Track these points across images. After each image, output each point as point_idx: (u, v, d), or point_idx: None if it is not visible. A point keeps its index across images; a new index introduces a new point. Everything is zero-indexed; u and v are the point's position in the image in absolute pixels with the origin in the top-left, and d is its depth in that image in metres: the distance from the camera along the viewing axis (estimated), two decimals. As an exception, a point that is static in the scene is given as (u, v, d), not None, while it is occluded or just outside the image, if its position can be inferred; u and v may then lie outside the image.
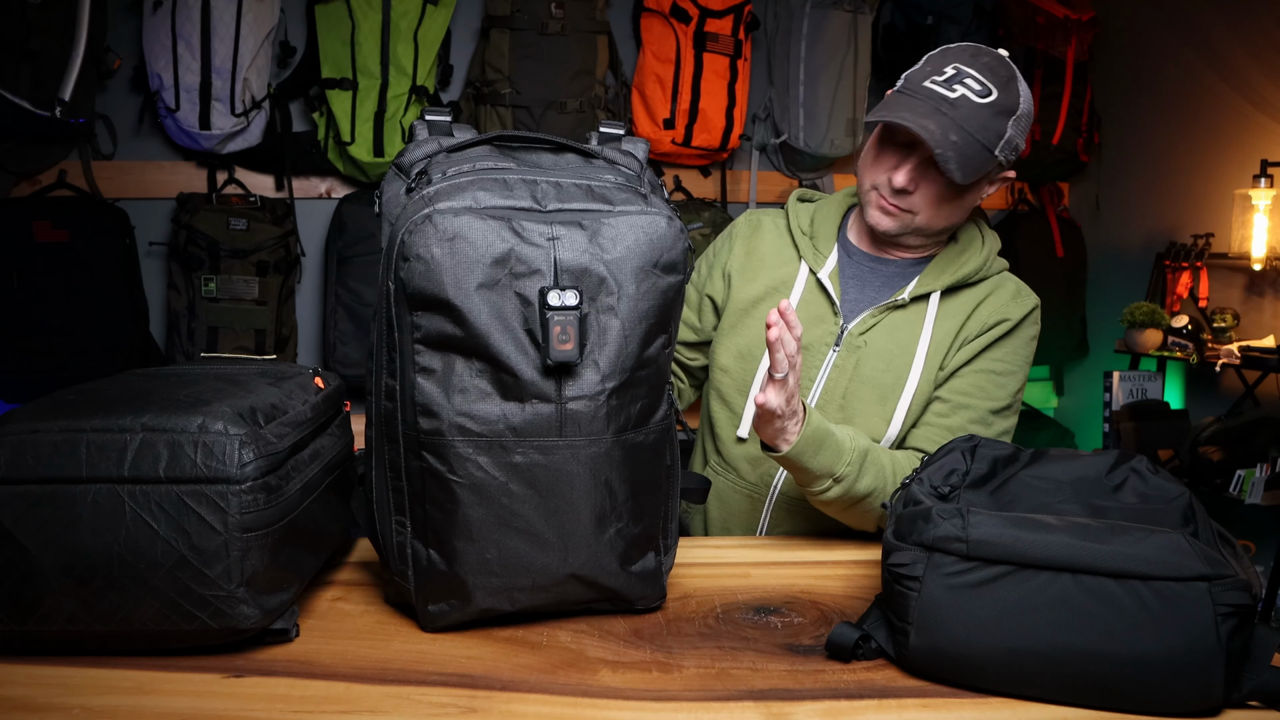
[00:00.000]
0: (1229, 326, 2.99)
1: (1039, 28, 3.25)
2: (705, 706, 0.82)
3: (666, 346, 0.96)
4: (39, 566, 0.83)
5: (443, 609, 0.94)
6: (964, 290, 1.36)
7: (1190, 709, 0.78)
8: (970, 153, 1.21)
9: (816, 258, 1.39)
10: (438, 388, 0.89)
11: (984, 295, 1.35)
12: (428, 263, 0.86)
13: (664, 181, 1.41)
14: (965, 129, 1.20)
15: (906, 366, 1.32)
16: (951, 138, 1.20)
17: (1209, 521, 0.88)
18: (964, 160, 1.21)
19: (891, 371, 1.32)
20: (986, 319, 1.33)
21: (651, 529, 0.98)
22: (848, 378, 1.34)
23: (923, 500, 0.88)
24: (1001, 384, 1.34)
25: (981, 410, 1.32)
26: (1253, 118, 3.04)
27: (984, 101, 1.22)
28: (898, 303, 1.34)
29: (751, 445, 1.37)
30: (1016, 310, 1.34)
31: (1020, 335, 1.35)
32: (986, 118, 1.22)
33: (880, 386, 1.32)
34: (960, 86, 1.23)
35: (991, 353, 1.33)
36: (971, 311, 1.34)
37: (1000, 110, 1.23)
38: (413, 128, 0.99)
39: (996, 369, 1.33)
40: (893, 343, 1.33)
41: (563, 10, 2.82)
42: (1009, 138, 1.24)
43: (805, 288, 1.38)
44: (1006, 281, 1.39)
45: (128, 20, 2.64)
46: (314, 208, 2.92)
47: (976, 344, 1.33)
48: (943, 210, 1.30)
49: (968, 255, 1.37)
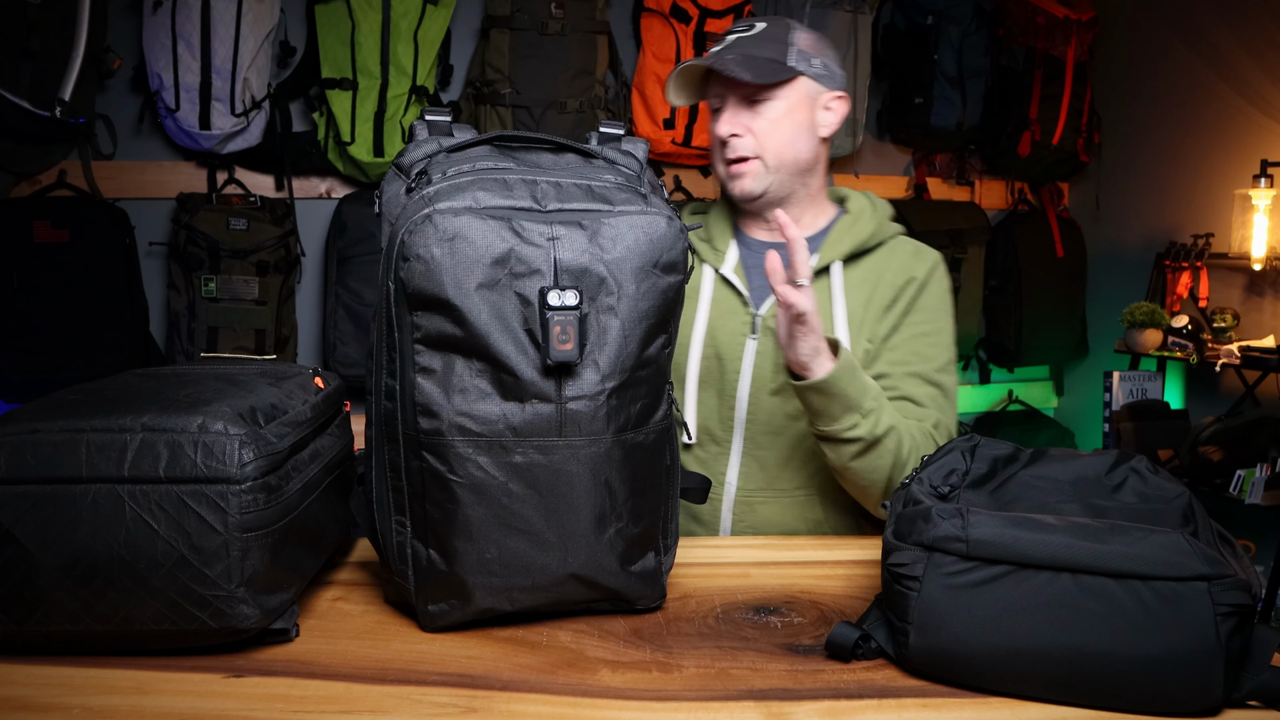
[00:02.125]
0: (1229, 326, 2.99)
1: (1039, 28, 3.25)
2: (705, 706, 0.82)
3: (666, 346, 0.96)
4: (39, 566, 0.83)
5: (442, 609, 0.94)
6: (864, 258, 1.41)
7: (1190, 709, 0.78)
8: (757, 61, 1.32)
9: (716, 255, 1.44)
10: (438, 388, 0.89)
11: (886, 260, 1.40)
12: (427, 263, 0.86)
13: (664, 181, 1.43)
14: (742, 52, 1.33)
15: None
16: (729, 56, 1.32)
17: (1209, 521, 0.88)
18: (750, 64, 1.31)
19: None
20: (895, 281, 1.39)
21: (651, 529, 0.98)
22: (772, 361, 1.37)
23: (922, 500, 0.88)
24: (934, 343, 1.38)
25: (926, 372, 1.36)
26: (1253, 118, 3.04)
27: (752, 33, 1.35)
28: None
29: (699, 449, 1.41)
30: (920, 268, 1.40)
31: (933, 291, 1.40)
32: (761, 39, 1.34)
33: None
34: (730, 35, 1.37)
35: (913, 317, 1.38)
36: (880, 277, 1.39)
37: (772, 33, 1.35)
38: (412, 128, 0.98)
39: (924, 330, 1.38)
40: None
41: (563, 10, 2.82)
42: (800, 50, 1.35)
43: (713, 287, 1.42)
44: (903, 243, 1.44)
45: (128, 20, 2.64)
46: (314, 208, 2.92)
47: (896, 310, 1.38)
48: (781, 135, 1.36)
49: (861, 223, 1.41)
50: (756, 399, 1.38)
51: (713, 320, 1.41)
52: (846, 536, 1.40)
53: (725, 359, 1.39)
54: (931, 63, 3.19)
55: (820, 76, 1.38)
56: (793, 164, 1.38)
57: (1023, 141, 3.30)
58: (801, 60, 1.36)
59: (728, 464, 1.40)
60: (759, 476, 1.39)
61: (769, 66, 1.33)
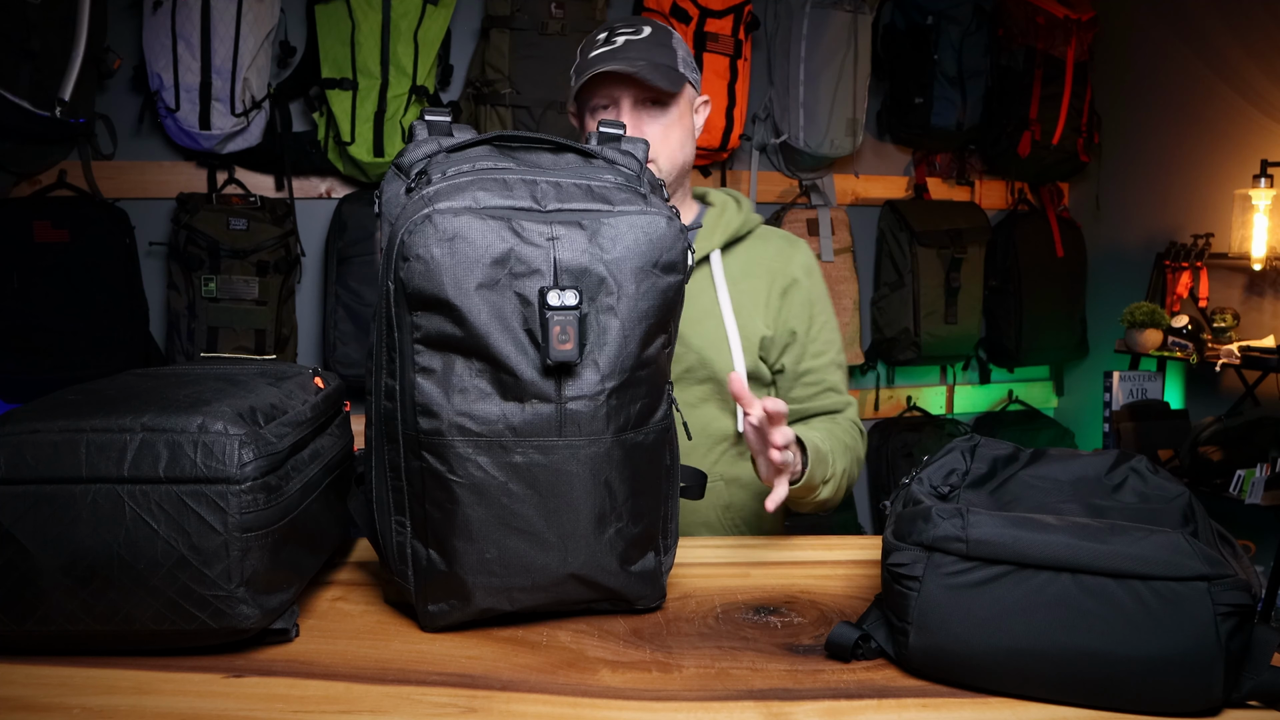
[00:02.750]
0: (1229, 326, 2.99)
1: (1039, 28, 3.25)
2: (705, 706, 0.82)
3: (666, 346, 0.96)
4: (39, 566, 0.83)
5: (442, 609, 0.94)
6: (738, 246, 1.48)
7: (1190, 709, 0.78)
8: (660, 66, 1.35)
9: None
10: (437, 388, 0.89)
11: (760, 247, 1.48)
12: (427, 263, 0.86)
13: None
14: (644, 57, 1.35)
15: (719, 325, 1.42)
16: (639, 61, 1.34)
17: (1209, 521, 0.88)
18: (660, 72, 1.35)
19: (706, 334, 1.41)
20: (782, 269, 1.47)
21: (651, 529, 0.98)
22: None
23: (922, 500, 0.88)
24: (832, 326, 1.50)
25: (837, 358, 1.49)
26: (1253, 118, 3.04)
27: (642, 37, 1.38)
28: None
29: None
30: (800, 257, 1.49)
31: (817, 278, 1.51)
32: (653, 44, 1.37)
33: (701, 351, 1.40)
34: (618, 37, 1.38)
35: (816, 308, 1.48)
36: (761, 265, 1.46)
37: (659, 38, 1.38)
38: (412, 128, 0.98)
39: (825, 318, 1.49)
40: (694, 308, 1.38)
41: (563, 10, 2.82)
42: (682, 55, 1.40)
43: None
44: (771, 231, 1.53)
45: (128, 20, 2.64)
46: (314, 208, 2.92)
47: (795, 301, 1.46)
48: (672, 141, 1.40)
49: (728, 214, 1.48)
50: None
51: None
52: (846, 536, 1.40)
53: None
54: (931, 63, 3.19)
55: (695, 82, 1.45)
56: (681, 167, 1.43)
57: (1023, 141, 3.30)
58: (686, 67, 1.41)
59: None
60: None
61: (671, 74, 1.37)
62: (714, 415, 1.42)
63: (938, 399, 3.67)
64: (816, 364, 1.46)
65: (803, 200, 3.28)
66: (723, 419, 1.43)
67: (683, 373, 1.40)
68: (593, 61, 1.36)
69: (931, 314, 3.31)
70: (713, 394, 1.42)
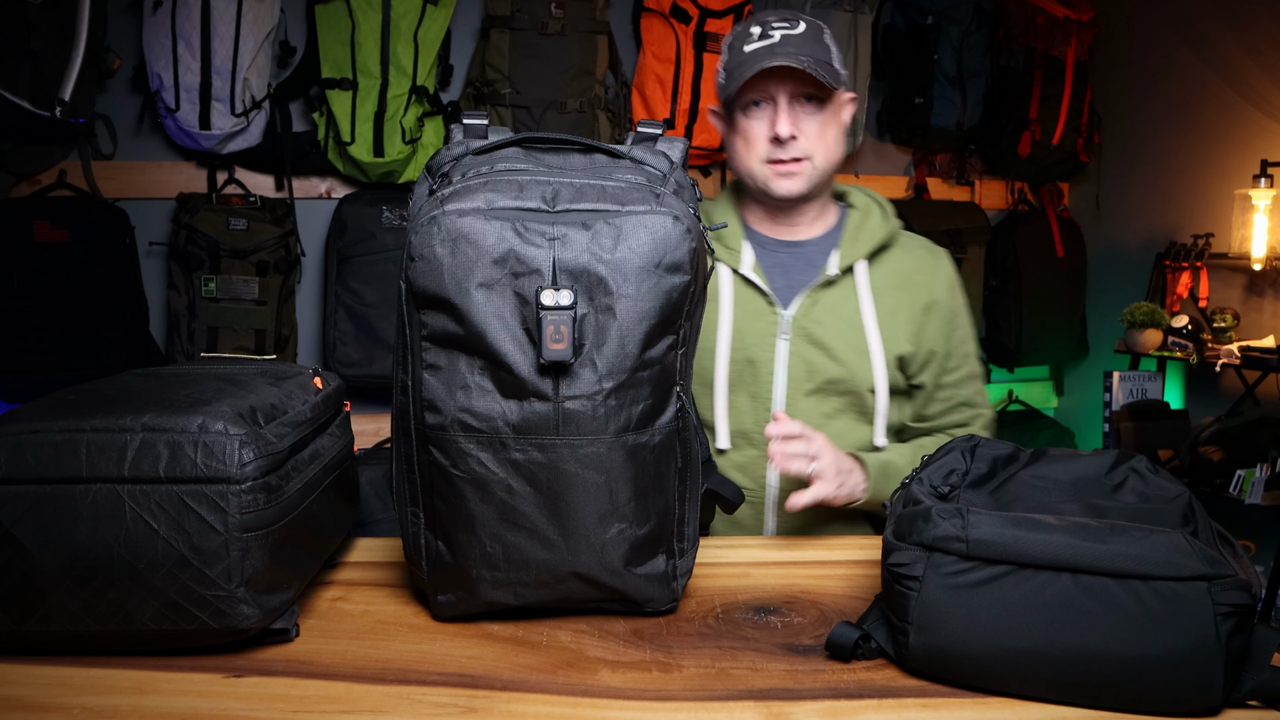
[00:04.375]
0: (1229, 326, 2.99)
1: (1039, 28, 3.25)
2: (705, 706, 0.82)
3: (675, 348, 0.95)
4: (39, 566, 0.83)
5: (450, 600, 0.96)
6: (882, 255, 1.44)
7: (1190, 709, 0.78)
8: (820, 62, 1.33)
9: (731, 255, 1.43)
10: (442, 384, 0.90)
11: (904, 258, 1.45)
12: (430, 262, 0.88)
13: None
14: (805, 52, 1.32)
15: (862, 337, 1.38)
16: (803, 57, 1.31)
17: (1209, 521, 0.88)
18: (821, 67, 1.32)
19: (850, 347, 1.38)
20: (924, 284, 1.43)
21: (660, 531, 0.97)
22: (807, 364, 1.38)
23: (922, 500, 0.87)
24: (971, 337, 1.48)
25: (974, 370, 1.47)
26: (1253, 118, 3.04)
27: (799, 32, 1.35)
28: (828, 279, 1.40)
29: (736, 453, 1.41)
30: (943, 269, 1.46)
31: (958, 290, 1.48)
32: (810, 40, 1.34)
33: (846, 364, 1.37)
34: (774, 32, 1.34)
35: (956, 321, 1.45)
36: (906, 278, 1.43)
37: (814, 32, 1.36)
38: (449, 130, 1.00)
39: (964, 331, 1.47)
40: (839, 319, 1.39)
41: (563, 10, 2.82)
42: (835, 52, 1.38)
43: (733, 288, 1.41)
44: (914, 240, 1.49)
45: (128, 20, 2.64)
46: (314, 208, 2.92)
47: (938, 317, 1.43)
48: (827, 141, 1.38)
49: (871, 221, 1.45)
50: (793, 400, 1.38)
51: (738, 322, 1.40)
52: (847, 536, 1.40)
53: (757, 362, 1.39)
54: (931, 63, 3.19)
55: (846, 80, 1.41)
56: (834, 165, 1.41)
57: (1023, 141, 3.30)
58: (839, 64, 1.38)
59: (768, 466, 1.39)
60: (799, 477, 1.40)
61: (830, 70, 1.34)
62: (850, 427, 1.40)
63: (938, 399, 3.66)
64: (951, 379, 1.44)
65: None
66: (859, 430, 1.40)
67: (823, 384, 1.38)
68: (752, 57, 1.32)
69: (931, 314, 3.31)
70: (850, 406, 1.39)
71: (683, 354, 0.97)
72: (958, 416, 1.45)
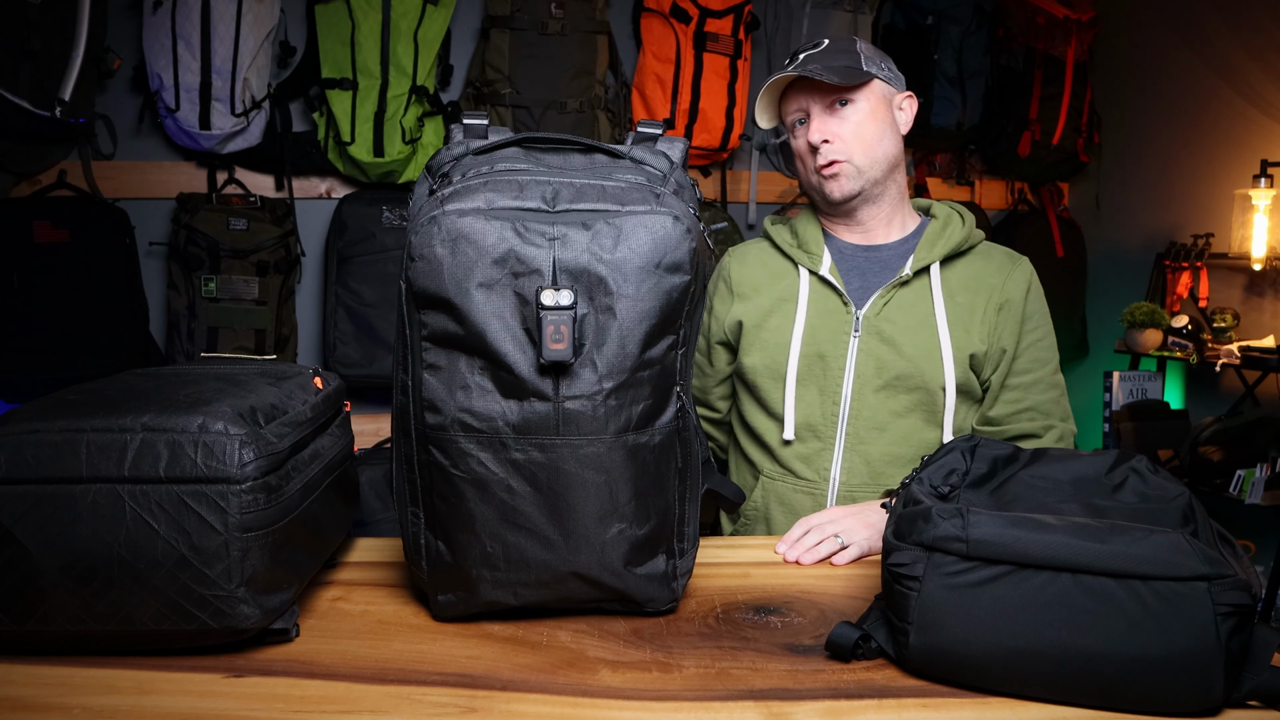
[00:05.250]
0: (1229, 326, 2.99)
1: (1039, 28, 3.25)
2: (705, 706, 0.82)
3: (675, 348, 0.95)
4: (39, 566, 0.83)
5: (450, 599, 0.96)
6: (958, 260, 1.46)
7: (1190, 709, 0.78)
8: (835, 67, 1.39)
9: (812, 259, 1.48)
10: (442, 384, 0.90)
11: (982, 264, 1.46)
12: (430, 262, 0.88)
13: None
14: (818, 62, 1.40)
15: (933, 336, 1.40)
16: (811, 65, 1.40)
17: (1209, 521, 0.88)
18: (834, 70, 1.39)
19: (919, 344, 1.40)
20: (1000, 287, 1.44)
21: (660, 531, 0.97)
22: (876, 360, 1.41)
23: (922, 500, 0.88)
24: (1048, 345, 1.47)
25: (1046, 376, 1.46)
26: (1253, 118, 3.04)
27: (821, 49, 1.43)
28: (903, 279, 1.43)
29: (801, 445, 1.44)
30: (1021, 275, 1.46)
31: (1036, 296, 1.47)
32: (832, 51, 1.42)
33: (914, 360, 1.39)
34: (800, 55, 1.44)
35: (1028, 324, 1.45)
36: (981, 281, 1.45)
37: (839, 45, 1.44)
38: (449, 130, 1.00)
39: (1039, 336, 1.46)
40: (910, 317, 1.42)
41: (563, 10, 2.82)
42: (868, 55, 1.44)
43: (810, 289, 1.47)
44: (994, 248, 1.50)
45: (128, 20, 2.64)
46: (314, 208, 2.92)
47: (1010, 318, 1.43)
48: (865, 139, 1.42)
49: (951, 228, 1.47)
50: (860, 396, 1.41)
51: (811, 320, 1.44)
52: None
53: (829, 357, 1.42)
54: (931, 63, 3.19)
55: (890, 79, 1.46)
56: (882, 160, 1.44)
57: (1023, 141, 3.30)
58: (872, 64, 1.43)
59: (832, 459, 1.42)
60: (863, 471, 1.41)
61: (848, 71, 1.40)
62: (918, 426, 1.41)
63: (938, 399, 3.66)
64: (1020, 381, 1.43)
65: (803, 200, 3.28)
66: (927, 430, 1.42)
67: (891, 380, 1.40)
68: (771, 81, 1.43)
69: (932, 314, 3.31)
70: (919, 404, 1.40)
71: (683, 354, 0.97)
72: (1027, 425, 1.43)
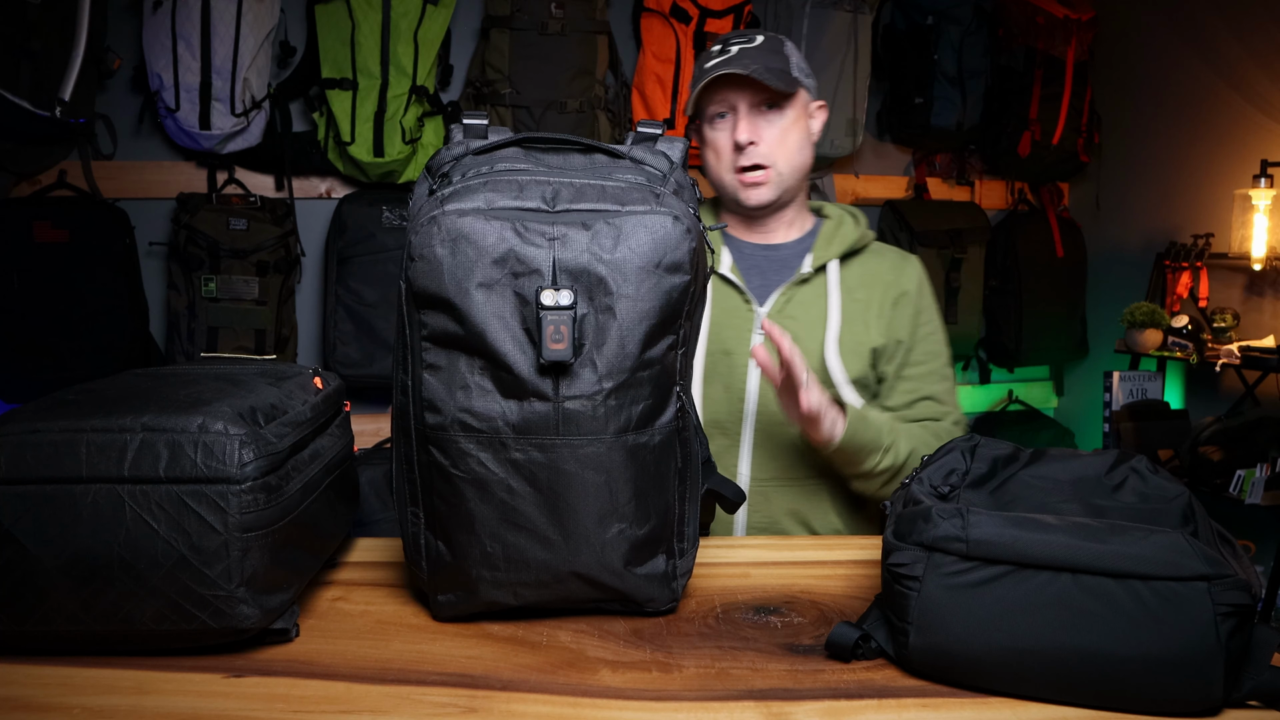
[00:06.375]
0: (1229, 326, 2.99)
1: (1039, 28, 3.25)
2: (705, 706, 0.82)
3: (675, 348, 0.95)
4: (39, 566, 0.83)
5: (450, 599, 0.96)
6: (854, 259, 1.51)
7: (1190, 709, 0.78)
8: (772, 69, 1.39)
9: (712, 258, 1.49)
10: (442, 384, 0.90)
11: (875, 262, 1.51)
12: (430, 262, 0.87)
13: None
14: (757, 62, 1.39)
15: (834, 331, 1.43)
16: (753, 65, 1.38)
17: (1209, 521, 0.88)
18: (771, 73, 1.39)
19: (816, 339, 1.43)
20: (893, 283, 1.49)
21: (660, 531, 0.97)
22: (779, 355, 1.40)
23: (922, 500, 0.87)
24: (940, 340, 1.52)
25: (939, 369, 1.50)
26: (1253, 118, 3.04)
27: (755, 44, 1.42)
28: (803, 277, 1.46)
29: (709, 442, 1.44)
30: (912, 272, 1.51)
31: (926, 293, 1.53)
32: (766, 50, 1.41)
33: (812, 355, 1.42)
34: (732, 47, 1.42)
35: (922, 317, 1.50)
36: (876, 278, 1.49)
37: (772, 45, 1.43)
38: (449, 130, 1.00)
39: (931, 329, 1.51)
40: (811, 313, 1.46)
41: (563, 10, 2.82)
42: (795, 61, 1.44)
43: (713, 287, 1.49)
44: (885, 248, 1.55)
45: (128, 20, 2.64)
46: (314, 208, 2.92)
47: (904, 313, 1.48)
48: (789, 146, 1.44)
49: (844, 228, 1.51)
50: (766, 391, 1.43)
51: (716, 318, 1.46)
52: (847, 536, 1.40)
53: (734, 354, 1.44)
54: (931, 63, 3.19)
55: (810, 88, 1.48)
56: (800, 169, 1.47)
57: (1023, 141, 3.30)
58: (800, 72, 1.45)
59: (738, 455, 1.44)
60: (771, 466, 1.43)
61: (785, 77, 1.41)
62: None
63: (938, 399, 3.66)
64: (916, 372, 1.47)
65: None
66: None
67: None
68: (708, 70, 1.41)
69: (931, 314, 3.31)
70: None
71: (683, 354, 0.97)
72: (924, 410, 1.47)
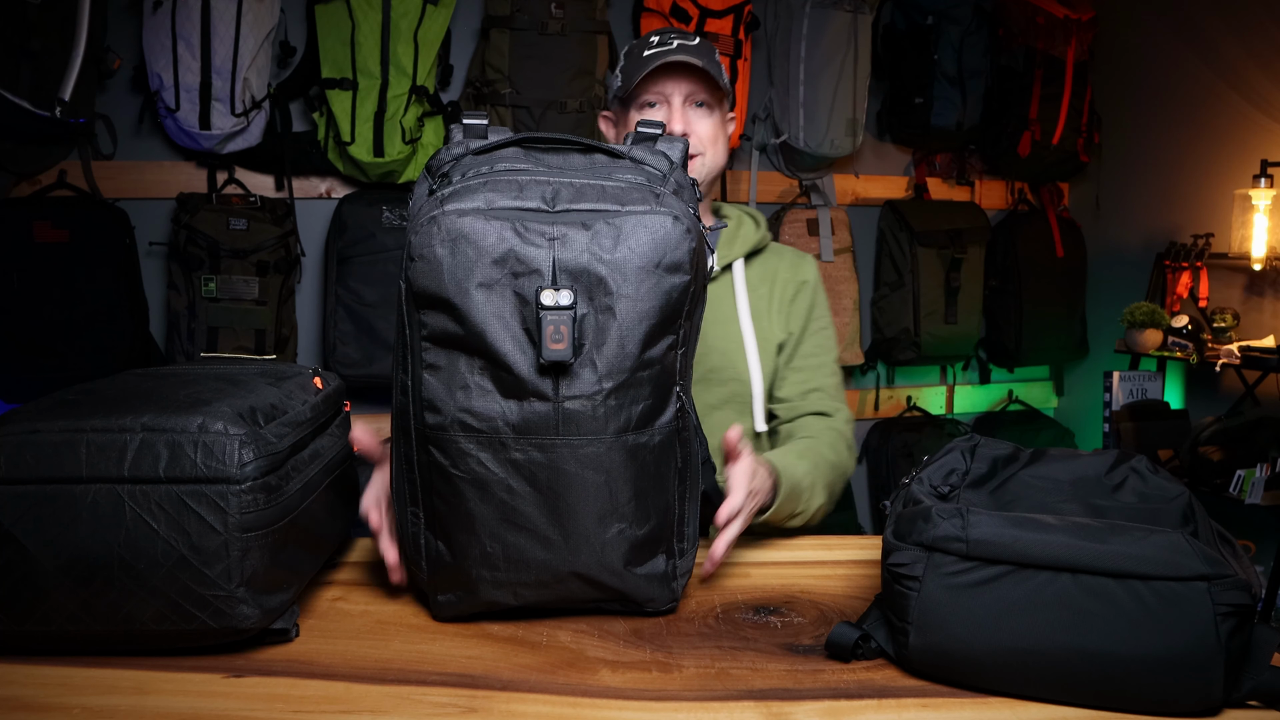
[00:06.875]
0: (1229, 326, 2.99)
1: (1039, 28, 3.25)
2: (705, 706, 0.82)
3: (675, 348, 0.95)
4: (39, 566, 0.83)
5: (450, 599, 0.96)
6: (755, 259, 1.54)
7: (1190, 709, 0.78)
8: (715, 66, 1.41)
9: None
10: (442, 384, 0.90)
11: (775, 261, 1.55)
12: (430, 262, 0.87)
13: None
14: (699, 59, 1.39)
15: (738, 329, 1.48)
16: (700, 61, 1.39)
17: (1209, 521, 0.88)
18: (716, 69, 1.40)
19: (729, 337, 1.46)
20: (791, 279, 1.54)
21: (659, 531, 0.97)
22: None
23: (922, 500, 0.88)
24: (830, 336, 1.56)
25: (829, 364, 1.53)
26: (1253, 118, 3.04)
27: (694, 43, 1.43)
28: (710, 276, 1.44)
29: None
30: (809, 271, 1.56)
31: (820, 291, 1.57)
32: (704, 51, 1.42)
33: (725, 354, 1.46)
34: (672, 39, 1.43)
35: (815, 312, 1.55)
36: (775, 275, 1.53)
37: (708, 48, 1.43)
38: (449, 130, 0.99)
39: (822, 325, 1.55)
40: (718, 312, 1.47)
41: (563, 10, 2.82)
42: (722, 70, 1.44)
43: None
44: (782, 248, 1.59)
45: (128, 20, 2.64)
46: (314, 208, 2.92)
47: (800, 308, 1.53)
48: (718, 145, 1.45)
49: (745, 227, 1.55)
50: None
51: None
52: (846, 536, 1.40)
53: None
54: (931, 63, 3.19)
55: (731, 98, 1.50)
56: (716, 169, 1.47)
57: (1023, 141, 3.30)
58: (724, 79, 1.45)
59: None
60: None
61: (721, 79, 1.42)
62: (730, 418, 1.46)
63: (938, 399, 3.67)
64: (808, 364, 1.51)
65: (803, 200, 3.28)
66: (741, 420, 1.47)
67: (705, 373, 1.45)
68: (652, 59, 1.39)
69: (931, 314, 3.31)
70: (732, 396, 1.47)
71: (682, 354, 0.96)
72: (816, 402, 1.48)
